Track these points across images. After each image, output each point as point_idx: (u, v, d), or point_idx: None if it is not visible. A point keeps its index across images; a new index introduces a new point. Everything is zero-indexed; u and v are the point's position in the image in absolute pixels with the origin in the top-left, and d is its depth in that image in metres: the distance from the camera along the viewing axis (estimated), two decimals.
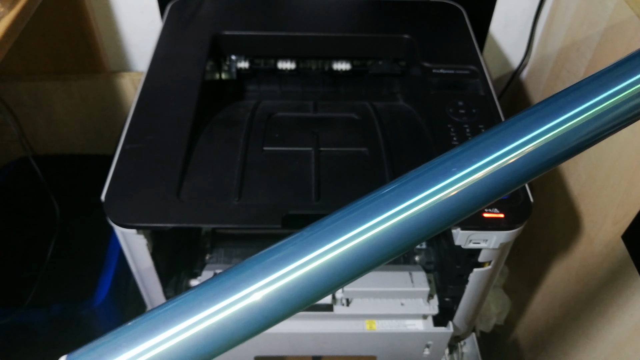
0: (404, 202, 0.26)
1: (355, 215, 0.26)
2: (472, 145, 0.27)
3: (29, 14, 0.64)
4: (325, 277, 0.25)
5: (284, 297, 0.25)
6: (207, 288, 0.25)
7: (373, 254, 0.25)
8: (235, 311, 0.24)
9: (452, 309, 0.69)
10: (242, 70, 0.76)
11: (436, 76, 0.68)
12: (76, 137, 1.02)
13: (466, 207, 0.26)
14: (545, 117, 0.27)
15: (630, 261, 0.60)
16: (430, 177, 0.26)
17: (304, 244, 0.25)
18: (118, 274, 0.84)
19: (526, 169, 0.26)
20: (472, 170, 0.26)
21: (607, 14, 0.68)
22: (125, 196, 0.54)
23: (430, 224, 0.26)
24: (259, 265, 0.25)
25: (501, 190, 0.26)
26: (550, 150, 0.26)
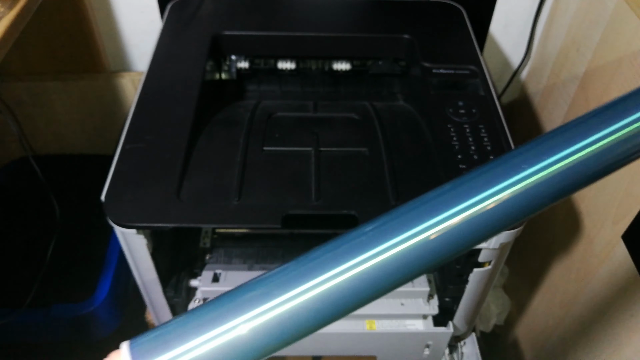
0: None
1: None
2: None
3: (29, 14, 0.64)
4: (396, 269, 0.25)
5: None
6: (277, 276, 0.25)
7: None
8: (311, 298, 0.25)
9: (452, 309, 0.69)
10: (242, 70, 0.76)
11: (436, 76, 0.68)
12: (76, 137, 1.02)
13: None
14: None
15: (630, 261, 0.60)
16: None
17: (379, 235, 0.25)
18: (118, 274, 0.84)
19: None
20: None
21: (607, 14, 0.68)
22: (125, 196, 0.54)
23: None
24: (324, 257, 0.25)
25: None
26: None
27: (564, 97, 0.81)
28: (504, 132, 0.62)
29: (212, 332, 0.24)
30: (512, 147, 0.60)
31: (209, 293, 0.68)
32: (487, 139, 0.61)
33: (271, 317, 0.24)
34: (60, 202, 0.88)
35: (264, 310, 0.24)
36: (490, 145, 0.60)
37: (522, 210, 0.26)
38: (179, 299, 0.66)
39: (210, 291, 0.68)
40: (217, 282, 0.67)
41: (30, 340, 0.83)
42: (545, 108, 0.89)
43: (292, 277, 0.25)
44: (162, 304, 0.66)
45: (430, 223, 0.25)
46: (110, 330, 0.83)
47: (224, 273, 0.68)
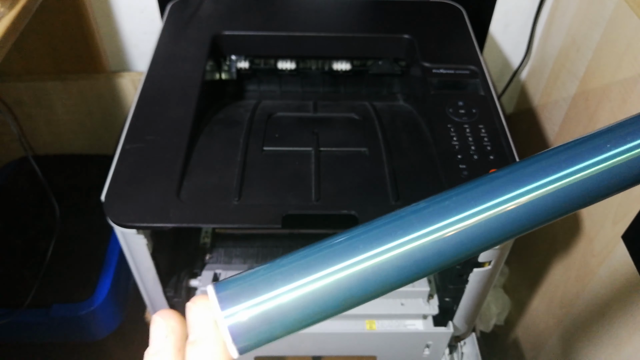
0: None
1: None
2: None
3: (29, 14, 0.64)
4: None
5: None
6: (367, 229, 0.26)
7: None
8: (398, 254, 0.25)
9: (452, 309, 0.69)
10: (242, 70, 0.76)
11: (436, 76, 0.68)
12: (76, 137, 1.02)
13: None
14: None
15: (630, 261, 0.60)
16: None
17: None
18: (118, 274, 0.84)
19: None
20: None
21: (607, 14, 0.68)
22: (125, 196, 0.54)
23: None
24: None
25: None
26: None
27: (564, 97, 0.81)
28: (504, 132, 0.62)
29: (300, 281, 0.24)
30: (512, 146, 0.60)
31: None
32: (487, 139, 0.61)
33: (357, 270, 0.24)
34: (60, 202, 0.88)
35: (351, 264, 0.25)
36: (490, 145, 0.60)
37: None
38: (179, 299, 0.66)
39: None
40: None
41: (30, 340, 0.83)
42: (545, 108, 0.89)
43: (379, 234, 0.25)
44: (162, 304, 0.66)
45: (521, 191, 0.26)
46: (110, 330, 0.84)
47: (224, 273, 0.68)
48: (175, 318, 0.24)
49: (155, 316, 0.25)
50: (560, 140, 0.82)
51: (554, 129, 0.85)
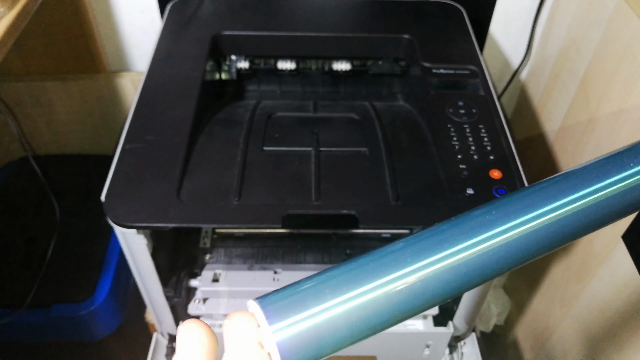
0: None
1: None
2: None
3: (29, 14, 0.64)
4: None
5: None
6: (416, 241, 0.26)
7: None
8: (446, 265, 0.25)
9: (452, 309, 0.69)
10: (242, 70, 0.76)
11: (436, 76, 0.68)
12: (76, 137, 1.02)
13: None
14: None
15: (630, 261, 0.60)
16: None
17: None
18: (118, 274, 0.84)
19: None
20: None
21: (607, 14, 0.68)
22: (125, 196, 0.54)
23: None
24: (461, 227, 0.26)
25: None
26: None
27: (564, 97, 0.81)
28: (504, 132, 0.62)
29: (351, 293, 0.23)
30: (512, 146, 0.60)
31: (209, 293, 0.68)
32: (487, 139, 0.61)
33: (405, 285, 0.24)
34: (60, 202, 0.88)
35: (398, 277, 0.24)
36: (490, 145, 0.60)
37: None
38: (179, 299, 0.66)
39: (210, 291, 0.68)
40: (217, 282, 0.67)
41: (30, 340, 0.83)
42: (545, 108, 0.89)
43: (427, 245, 0.25)
44: (162, 304, 0.66)
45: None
46: (110, 330, 0.84)
47: (224, 273, 0.68)
48: (204, 329, 0.23)
49: (181, 326, 0.23)
50: (560, 140, 0.82)
51: (554, 129, 0.85)
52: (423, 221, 0.56)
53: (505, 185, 0.56)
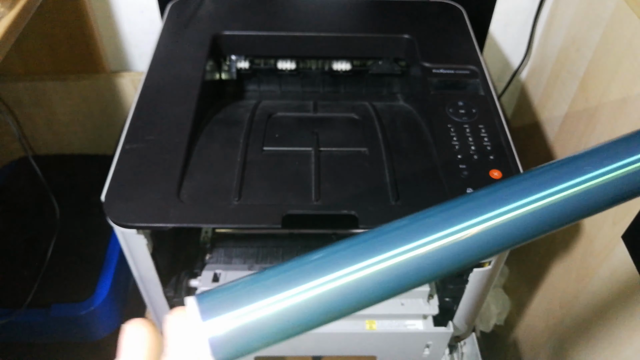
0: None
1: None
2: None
3: (29, 14, 0.64)
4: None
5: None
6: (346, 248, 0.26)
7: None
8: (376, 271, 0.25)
9: (452, 309, 0.69)
10: (242, 70, 0.76)
11: (436, 76, 0.68)
12: (76, 137, 1.02)
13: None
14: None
15: (630, 261, 0.60)
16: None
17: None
18: (118, 274, 0.84)
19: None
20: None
21: (607, 14, 0.68)
22: (125, 196, 0.54)
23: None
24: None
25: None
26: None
27: (564, 97, 0.81)
28: (504, 132, 0.62)
29: (281, 295, 0.24)
30: (512, 147, 0.60)
31: None
32: (487, 139, 0.61)
33: (337, 286, 0.25)
34: (60, 202, 0.88)
35: (331, 279, 0.25)
36: (490, 145, 0.60)
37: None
38: (179, 299, 0.66)
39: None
40: (217, 282, 0.67)
41: (30, 340, 0.83)
42: (545, 108, 0.89)
43: (359, 250, 0.26)
44: (162, 304, 0.66)
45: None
46: (110, 330, 0.83)
47: (224, 273, 0.68)
48: (148, 328, 0.24)
49: (125, 325, 0.24)
50: (560, 140, 0.82)
51: (554, 129, 0.85)
52: None
53: None
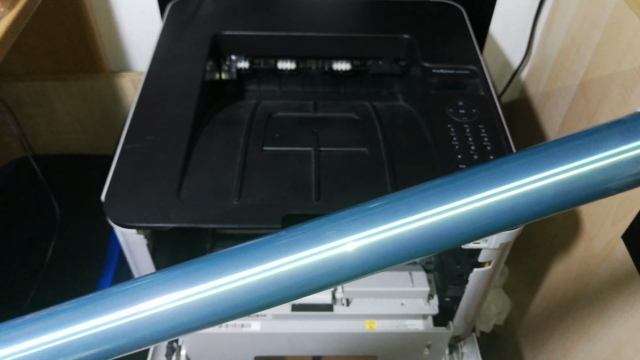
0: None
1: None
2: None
3: (29, 14, 0.64)
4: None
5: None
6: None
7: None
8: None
9: (452, 309, 0.69)
10: (242, 70, 0.76)
11: (436, 76, 0.68)
12: (76, 137, 1.02)
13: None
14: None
15: (630, 261, 0.60)
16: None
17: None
18: (118, 274, 0.84)
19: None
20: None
21: (607, 14, 0.68)
22: (125, 196, 0.54)
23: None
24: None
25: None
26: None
27: (564, 97, 0.81)
28: (504, 132, 0.62)
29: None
30: (512, 147, 0.60)
31: None
32: (487, 139, 0.61)
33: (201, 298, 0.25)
34: (60, 202, 0.88)
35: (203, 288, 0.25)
36: (490, 145, 0.60)
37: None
38: None
39: None
40: None
41: None
42: (545, 108, 0.89)
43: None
44: None
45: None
46: None
47: None
48: None
49: None
50: None
51: (554, 129, 0.85)
52: None
53: None
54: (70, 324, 0.24)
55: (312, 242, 0.24)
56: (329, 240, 0.24)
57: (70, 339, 0.24)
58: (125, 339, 0.24)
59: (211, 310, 0.24)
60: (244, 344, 0.69)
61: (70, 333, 0.24)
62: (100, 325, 0.24)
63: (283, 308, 0.68)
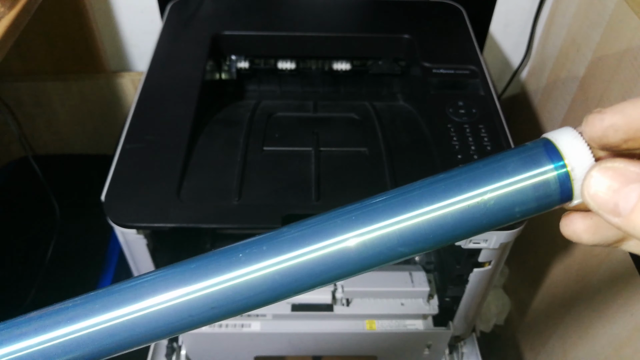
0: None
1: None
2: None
3: (29, 14, 0.64)
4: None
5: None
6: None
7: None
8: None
9: (452, 309, 0.69)
10: (242, 70, 0.76)
11: (436, 76, 0.68)
12: (76, 137, 1.02)
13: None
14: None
15: (631, 261, 0.60)
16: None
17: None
18: (118, 274, 0.84)
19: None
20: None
21: (607, 14, 0.68)
22: (125, 196, 0.54)
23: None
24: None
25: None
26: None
27: (564, 97, 0.81)
28: (504, 132, 0.62)
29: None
30: (512, 147, 0.60)
31: None
32: (487, 139, 0.61)
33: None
34: (60, 202, 0.88)
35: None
36: (490, 145, 0.60)
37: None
38: None
39: None
40: None
41: None
42: (545, 108, 0.89)
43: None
44: None
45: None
46: None
47: None
48: None
49: None
50: None
51: (554, 129, 0.84)
52: None
53: None
54: (70, 322, 0.24)
55: (313, 238, 0.24)
56: (330, 237, 0.24)
57: (71, 336, 0.24)
58: (123, 336, 0.24)
59: (210, 307, 0.24)
60: (243, 344, 0.69)
61: (70, 331, 0.24)
62: (101, 322, 0.25)
63: (283, 308, 0.68)
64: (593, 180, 0.22)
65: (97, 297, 0.25)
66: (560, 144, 0.24)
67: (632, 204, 0.21)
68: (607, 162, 0.22)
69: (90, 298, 0.25)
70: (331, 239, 0.24)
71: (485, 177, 0.24)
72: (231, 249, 0.25)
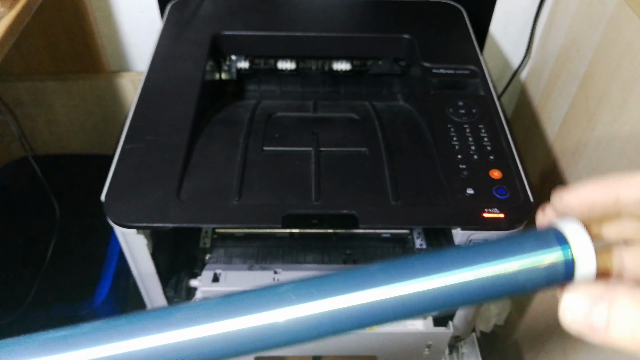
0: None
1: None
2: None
3: (29, 14, 0.64)
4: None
5: None
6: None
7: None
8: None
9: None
10: (242, 70, 0.76)
11: (436, 76, 0.68)
12: (76, 137, 1.02)
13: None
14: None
15: None
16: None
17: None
18: (118, 274, 0.84)
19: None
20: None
21: (607, 14, 0.68)
22: (125, 196, 0.54)
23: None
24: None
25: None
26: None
27: (564, 97, 0.81)
28: (504, 132, 0.62)
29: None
30: (512, 146, 0.60)
31: (209, 293, 0.68)
32: (487, 139, 0.61)
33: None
34: (60, 202, 0.88)
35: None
36: (490, 145, 0.60)
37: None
38: (179, 299, 0.66)
39: (210, 291, 0.68)
40: (217, 282, 0.67)
41: None
42: (545, 108, 0.89)
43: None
44: (162, 304, 0.66)
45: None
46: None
47: (224, 273, 0.68)
48: None
49: None
50: (560, 140, 0.82)
51: (554, 129, 0.85)
52: (423, 221, 0.56)
53: (505, 185, 0.56)
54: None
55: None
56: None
57: None
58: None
59: None
60: None
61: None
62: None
63: None
64: (567, 308, 0.24)
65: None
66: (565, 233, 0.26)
67: (605, 321, 0.22)
68: (573, 288, 0.24)
69: None
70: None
71: (506, 251, 0.27)
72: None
